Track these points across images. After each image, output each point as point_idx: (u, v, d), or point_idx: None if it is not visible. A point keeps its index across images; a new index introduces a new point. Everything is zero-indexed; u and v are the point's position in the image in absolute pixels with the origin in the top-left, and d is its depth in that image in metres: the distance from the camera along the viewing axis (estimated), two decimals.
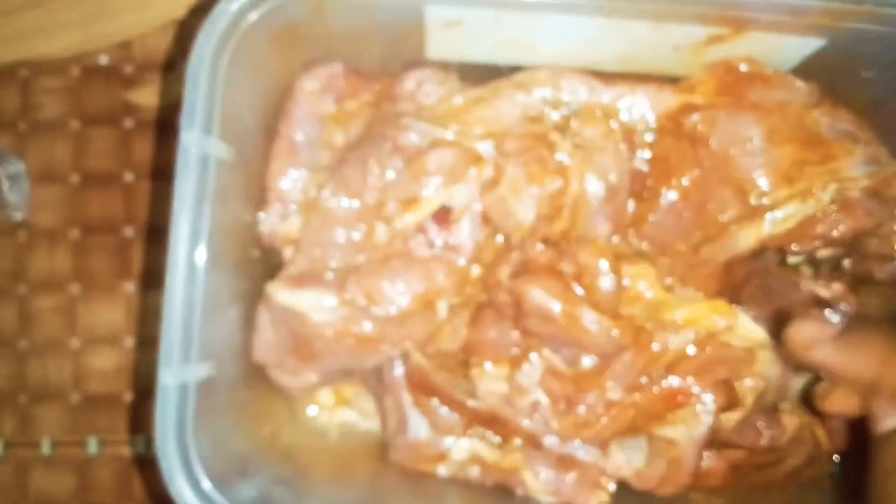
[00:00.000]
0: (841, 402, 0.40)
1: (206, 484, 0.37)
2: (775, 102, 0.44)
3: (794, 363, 0.45)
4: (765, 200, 0.43)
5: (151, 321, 0.45)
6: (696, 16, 0.40)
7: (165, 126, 0.38)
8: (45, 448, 0.56)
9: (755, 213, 0.43)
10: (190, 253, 0.38)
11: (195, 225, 0.38)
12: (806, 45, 0.43)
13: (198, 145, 0.37)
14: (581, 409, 0.45)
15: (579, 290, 0.46)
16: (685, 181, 0.45)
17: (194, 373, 0.38)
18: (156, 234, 0.51)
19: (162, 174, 0.37)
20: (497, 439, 0.48)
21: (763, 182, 0.43)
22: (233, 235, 0.44)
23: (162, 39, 0.55)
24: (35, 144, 0.57)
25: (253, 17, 0.39)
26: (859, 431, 0.47)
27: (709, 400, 0.44)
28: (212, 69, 0.38)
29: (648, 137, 0.46)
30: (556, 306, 0.45)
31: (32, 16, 0.57)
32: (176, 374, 0.37)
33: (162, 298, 0.38)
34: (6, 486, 0.56)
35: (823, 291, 0.50)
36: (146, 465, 0.37)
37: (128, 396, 0.55)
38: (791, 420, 0.47)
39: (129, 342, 0.55)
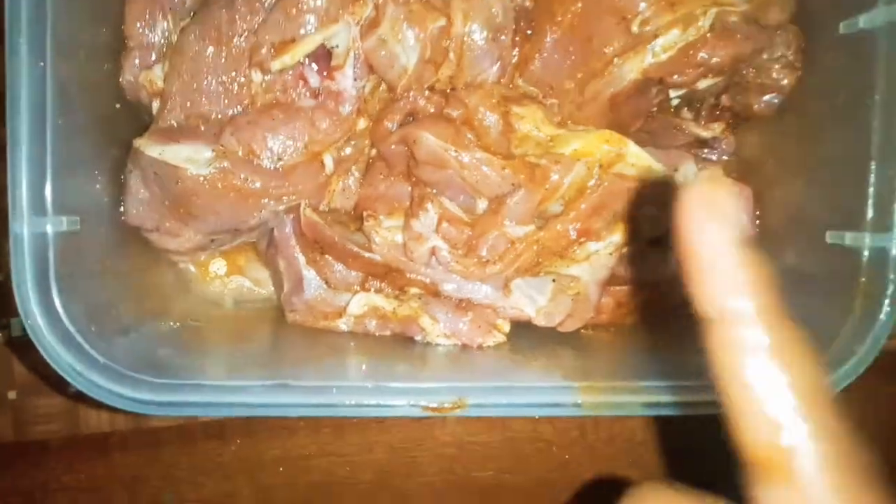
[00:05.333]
0: None
1: (75, 335, 0.35)
2: None
3: None
4: (647, 28, 0.42)
5: None
6: None
7: None
8: None
9: (638, 42, 0.43)
10: (33, 96, 0.34)
11: (36, 72, 0.34)
12: None
13: None
14: (483, 251, 0.45)
15: (469, 136, 0.45)
16: (570, 15, 0.44)
17: (52, 225, 0.36)
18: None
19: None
20: (394, 291, 0.48)
21: (645, 7, 0.42)
22: (89, 86, 0.40)
23: None
24: None
25: None
26: None
27: (613, 237, 0.45)
28: None
29: None
30: (448, 150, 0.44)
31: None
32: (29, 225, 0.34)
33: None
34: None
35: (704, 133, 0.51)
36: (25, 347, 0.35)
37: None
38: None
39: None
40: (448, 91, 0.47)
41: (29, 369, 0.51)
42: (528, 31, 0.46)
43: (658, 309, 0.51)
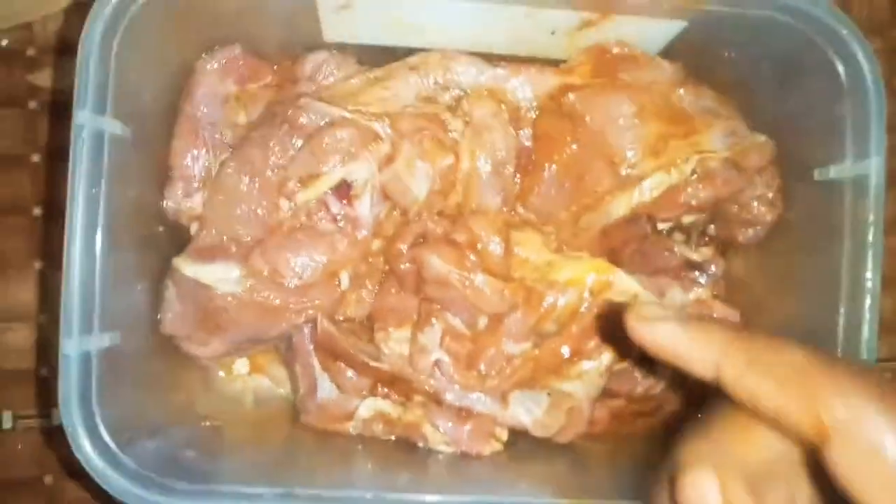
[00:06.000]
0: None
1: (112, 446, 0.39)
2: (644, 82, 0.48)
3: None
4: (634, 172, 0.47)
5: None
6: (565, 1, 0.44)
7: (68, 107, 0.39)
8: None
9: (626, 183, 0.47)
10: (87, 227, 0.39)
11: (91, 200, 0.39)
12: (670, 28, 0.47)
13: (90, 124, 0.39)
14: (482, 365, 0.49)
15: (473, 258, 0.49)
16: (565, 156, 0.48)
17: (96, 343, 0.40)
18: (62, 214, 0.52)
19: (67, 154, 0.39)
20: (400, 398, 0.52)
21: (632, 155, 0.47)
22: (136, 212, 0.46)
23: (63, 22, 0.56)
24: None
25: None
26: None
27: (603, 357, 0.49)
28: (103, 49, 0.39)
29: (532, 115, 0.50)
30: (451, 272, 0.48)
31: None
32: (77, 344, 0.39)
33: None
34: None
35: (694, 256, 0.55)
36: (61, 437, 0.39)
37: (43, 372, 0.56)
38: (666, 370, 0.52)
39: (42, 319, 0.56)
40: (455, 216, 0.51)
41: (65, 456, 0.55)
42: (529, 167, 0.51)
43: (651, 420, 0.54)
